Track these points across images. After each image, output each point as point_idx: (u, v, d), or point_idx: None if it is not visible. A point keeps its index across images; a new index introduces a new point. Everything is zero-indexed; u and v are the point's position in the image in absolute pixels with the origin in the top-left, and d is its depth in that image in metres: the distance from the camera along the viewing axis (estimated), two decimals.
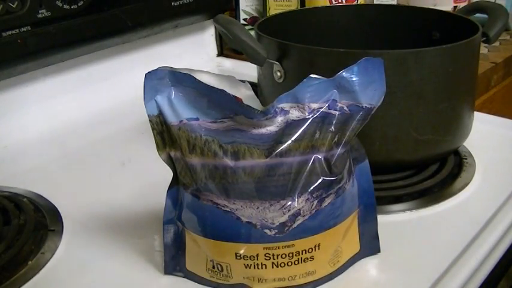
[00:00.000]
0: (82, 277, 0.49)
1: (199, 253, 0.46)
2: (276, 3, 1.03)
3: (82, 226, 0.56)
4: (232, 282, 0.46)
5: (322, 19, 0.75)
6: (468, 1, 1.08)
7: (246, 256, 0.44)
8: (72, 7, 0.73)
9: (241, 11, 1.08)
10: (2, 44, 0.67)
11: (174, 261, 0.48)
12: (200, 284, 0.47)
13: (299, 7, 1.03)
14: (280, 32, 0.63)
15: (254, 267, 0.45)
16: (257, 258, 0.44)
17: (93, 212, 0.58)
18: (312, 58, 0.58)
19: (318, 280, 0.46)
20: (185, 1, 0.88)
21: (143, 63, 0.89)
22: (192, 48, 0.99)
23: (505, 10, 0.65)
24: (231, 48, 1.06)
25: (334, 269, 0.47)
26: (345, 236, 0.47)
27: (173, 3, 0.86)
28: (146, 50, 0.91)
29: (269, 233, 0.44)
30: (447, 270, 0.48)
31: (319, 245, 0.45)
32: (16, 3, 0.67)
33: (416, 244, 0.52)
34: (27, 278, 0.48)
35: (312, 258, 0.45)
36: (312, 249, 0.45)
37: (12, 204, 0.57)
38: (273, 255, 0.44)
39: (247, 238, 0.44)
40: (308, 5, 1.01)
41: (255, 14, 1.09)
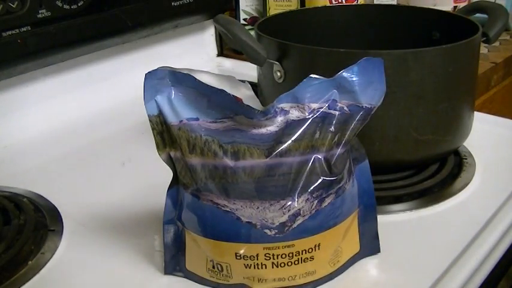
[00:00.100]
0: (82, 277, 0.49)
1: (199, 253, 0.46)
2: (276, 3, 1.03)
3: (82, 226, 0.56)
4: (232, 282, 0.46)
5: (322, 19, 0.75)
6: (468, 1, 1.08)
7: (246, 256, 0.44)
8: (72, 7, 0.73)
9: (241, 11, 1.08)
10: (2, 44, 0.67)
11: (174, 261, 0.48)
12: (200, 284, 0.47)
13: (299, 7, 1.02)
14: (280, 32, 0.63)
15: (254, 267, 0.45)
16: (257, 258, 0.44)
17: (93, 212, 0.58)
18: (312, 58, 0.58)
19: (318, 280, 0.46)
20: (185, 1, 0.88)
21: (143, 63, 0.89)
22: (192, 48, 0.99)
23: (505, 10, 0.65)
24: (231, 48, 1.06)
25: (334, 269, 0.47)
26: (345, 236, 0.47)
27: (173, 3, 0.86)
28: (146, 50, 0.91)
29: (269, 233, 0.44)
30: (447, 270, 0.48)
31: (319, 245, 0.45)
32: (16, 3, 0.67)
33: (416, 244, 0.52)
34: (27, 278, 0.48)
35: (312, 258, 0.45)
36: (312, 249, 0.45)
37: (12, 204, 0.57)
38: (273, 255, 0.44)
39: (247, 238, 0.44)
40: (308, 5, 1.01)
41: (255, 14, 1.09)
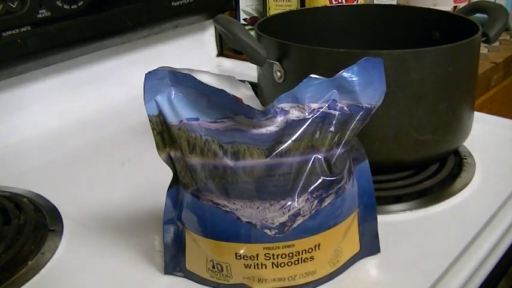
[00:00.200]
0: (82, 277, 0.49)
1: (199, 253, 0.46)
2: (276, 3, 1.03)
3: (82, 226, 0.56)
4: (232, 282, 0.46)
5: (322, 19, 0.75)
6: (468, 1, 1.08)
7: (246, 256, 0.44)
8: (72, 7, 0.73)
9: (241, 11, 1.08)
10: (2, 44, 0.67)
11: (174, 261, 0.48)
12: (200, 284, 0.47)
13: (299, 7, 1.03)
14: (280, 32, 0.63)
15: (254, 267, 0.45)
16: (257, 258, 0.44)
17: (93, 212, 0.58)
18: (312, 58, 0.58)
19: (318, 280, 0.46)
20: (185, 1, 0.88)
21: (143, 63, 0.89)
22: (192, 48, 0.99)
23: (505, 10, 0.65)
24: (231, 48, 1.06)
25: (334, 269, 0.47)
26: (345, 236, 0.47)
27: (173, 3, 0.86)
28: (146, 50, 0.91)
29: (269, 233, 0.43)
30: (447, 270, 0.48)
31: (319, 245, 0.45)
32: (16, 3, 0.67)
33: (416, 244, 0.52)
34: (27, 278, 0.48)
35: (312, 258, 0.45)
36: (312, 249, 0.45)
37: (12, 204, 0.57)
38: (273, 255, 0.44)
39: (247, 238, 0.44)
40: (308, 5, 1.01)
41: (255, 14, 1.09)
